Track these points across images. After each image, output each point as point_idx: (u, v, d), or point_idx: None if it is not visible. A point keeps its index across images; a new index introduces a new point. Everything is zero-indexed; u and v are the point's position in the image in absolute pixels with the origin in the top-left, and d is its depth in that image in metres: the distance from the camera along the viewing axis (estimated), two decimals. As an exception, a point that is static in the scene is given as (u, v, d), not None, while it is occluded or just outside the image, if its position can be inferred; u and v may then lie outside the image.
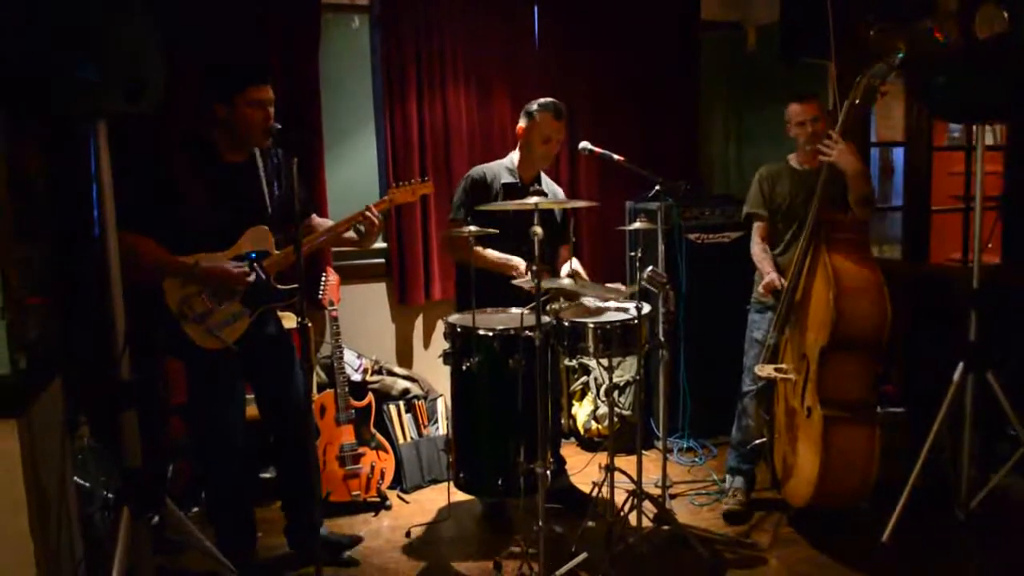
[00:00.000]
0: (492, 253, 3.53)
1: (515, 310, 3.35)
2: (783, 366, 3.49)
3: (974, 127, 3.51)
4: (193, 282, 2.88)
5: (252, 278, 2.94)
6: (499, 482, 3.25)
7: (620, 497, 3.37)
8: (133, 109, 2.32)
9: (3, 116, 2.28)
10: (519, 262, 3.47)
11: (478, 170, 3.68)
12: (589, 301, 3.41)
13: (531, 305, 3.00)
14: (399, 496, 4.00)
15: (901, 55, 3.15)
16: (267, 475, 3.89)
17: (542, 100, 3.61)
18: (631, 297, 3.28)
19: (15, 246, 2.38)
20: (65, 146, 3.06)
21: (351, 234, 3.16)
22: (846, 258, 3.27)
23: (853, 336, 3.22)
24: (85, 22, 2.17)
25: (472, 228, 3.21)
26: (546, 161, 3.71)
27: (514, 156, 3.71)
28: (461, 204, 3.59)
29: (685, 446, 4.56)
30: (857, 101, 3.27)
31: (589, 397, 4.67)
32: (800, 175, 3.65)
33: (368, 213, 3.08)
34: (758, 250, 3.72)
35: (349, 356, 4.13)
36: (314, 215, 3.32)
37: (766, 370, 3.47)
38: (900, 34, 3.36)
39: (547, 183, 3.82)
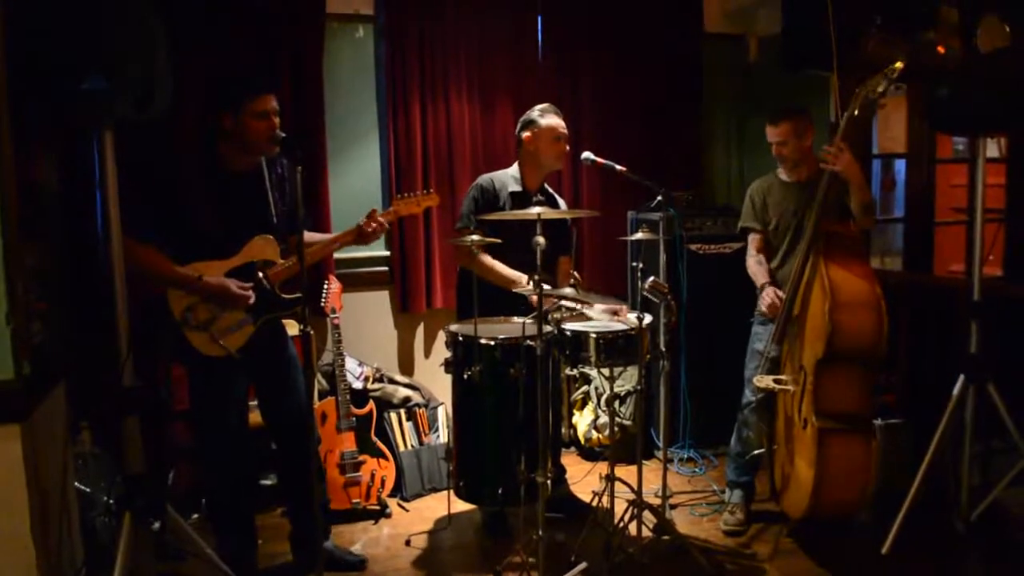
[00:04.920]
0: (501, 267, 3.54)
1: (517, 319, 3.36)
2: (782, 377, 3.49)
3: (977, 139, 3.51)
4: (195, 294, 2.90)
5: (253, 300, 2.95)
6: (499, 491, 3.26)
7: (620, 507, 3.37)
8: (141, 117, 2.35)
9: (13, 123, 2.29)
10: (524, 281, 3.47)
11: (486, 178, 3.70)
12: (594, 312, 3.43)
13: (533, 314, 3.01)
14: (399, 504, 4.01)
15: (900, 67, 3.16)
16: (268, 482, 3.89)
17: (538, 106, 3.66)
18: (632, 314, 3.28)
19: (23, 251, 2.39)
20: (73, 152, 3.08)
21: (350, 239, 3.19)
22: (843, 270, 3.27)
23: (849, 349, 3.22)
24: (94, 30, 2.19)
25: (475, 237, 3.22)
26: (559, 161, 3.73)
27: (516, 168, 3.73)
28: (469, 212, 3.61)
29: (686, 456, 4.55)
30: (856, 113, 3.28)
31: (590, 406, 4.67)
32: (789, 188, 3.66)
33: (375, 226, 3.10)
34: (753, 262, 3.74)
35: (350, 364, 4.14)
36: (306, 231, 3.32)
37: (765, 381, 3.47)
38: (899, 46, 3.37)
39: (551, 192, 3.84)
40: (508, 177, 3.70)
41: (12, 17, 2.20)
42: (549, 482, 3.02)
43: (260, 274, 2.99)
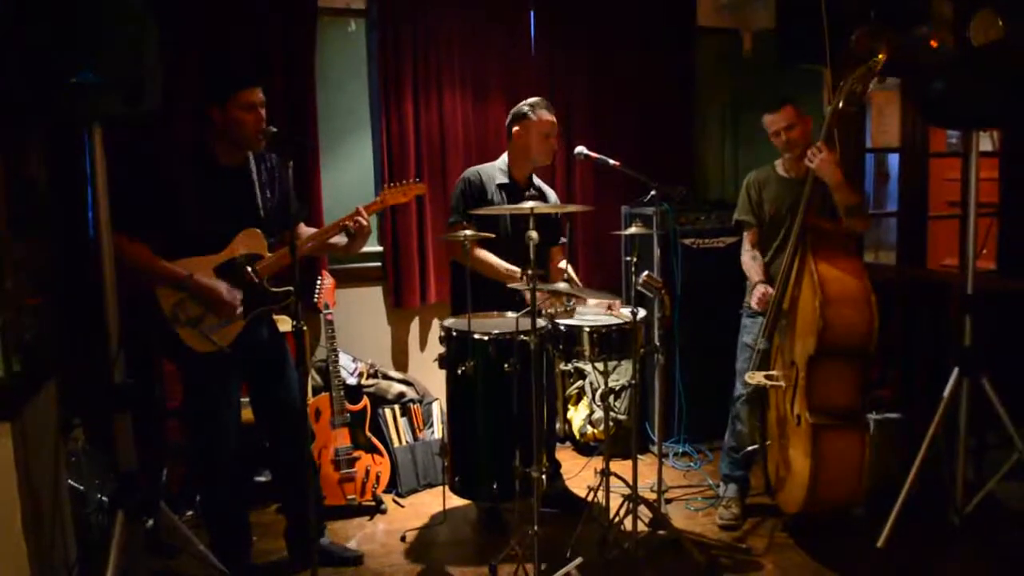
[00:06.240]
0: (496, 260, 3.53)
1: (511, 314, 3.35)
2: (773, 373, 3.49)
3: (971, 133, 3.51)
4: (186, 292, 2.88)
5: (240, 311, 2.93)
6: (494, 486, 3.25)
7: (615, 502, 3.37)
8: (131, 111, 2.33)
9: (3, 118, 2.28)
10: (519, 275, 3.46)
11: (472, 172, 3.68)
12: (591, 304, 3.43)
13: (526, 309, 3.00)
14: (394, 500, 4.00)
15: (882, 60, 3.15)
16: (262, 479, 3.88)
17: (530, 100, 3.63)
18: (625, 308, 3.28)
19: (12, 247, 2.37)
20: (65, 147, 3.06)
21: (339, 238, 3.16)
22: (832, 265, 3.26)
23: (840, 344, 3.21)
24: (84, 25, 2.17)
25: (468, 232, 3.21)
26: (548, 157, 3.71)
27: (504, 159, 3.72)
28: (459, 207, 3.60)
29: (681, 451, 4.55)
30: (840, 106, 3.27)
31: (585, 401, 4.67)
32: (786, 183, 3.65)
33: (358, 217, 3.08)
34: (747, 258, 3.73)
35: (344, 359, 4.13)
36: (301, 224, 3.30)
37: (756, 377, 3.47)
38: (881, 38, 3.37)
39: (538, 183, 3.82)
40: (495, 169, 3.69)
41: (2, 11, 2.19)
42: (544, 477, 3.01)
43: (248, 268, 2.98)
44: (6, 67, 2.21)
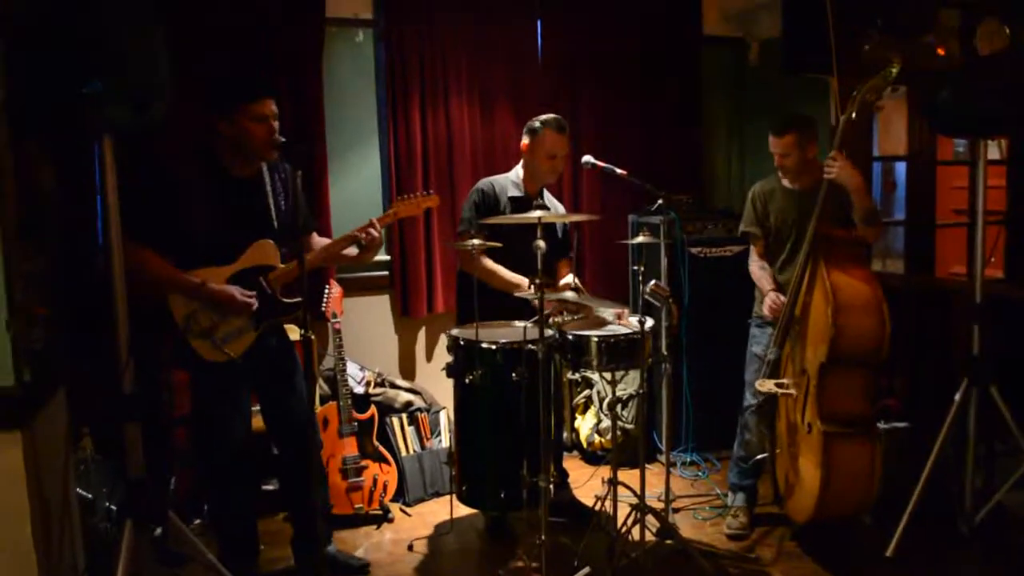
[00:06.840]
0: (502, 270, 3.54)
1: (518, 323, 3.36)
2: (784, 381, 3.48)
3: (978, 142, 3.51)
4: (198, 299, 2.89)
5: (256, 306, 2.94)
6: (502, 495, 3.25)
7: (623, 511, 3.36)
8: (140, 121, 2.34)
9: (12, 127, 2.29)
10: (526, 285, 3.47)
11: (486, 182, 3.70)
12: (603, 312, 3.43)
13: (534, 318, 3.00)
14: (401, 509, 4.00)
15: (896, 70, 3.15)
16: (270, 487, 3.89)
17: (544, 117, 3.63)
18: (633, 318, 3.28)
19: (22, 256, 2.38)
20: (74, 157, 3.07)
21: (351, 249, 3.17)
22: (844, 273, 3.26)
23: (852, 352, 3.21)
24: (95, 36, 2.19)
25: (476, 242, 3.22)
26: (552, 176, 3.73)
27: (519, 170, 3.73)
28: (471, 217, 3.61)
29: (688, 460, 4.54)
30: (853, 116, 3.27)
31: (592, 410, 4.66)
32: (790, 194, 3.64)
33: (371, 229, 3.09)
34: (755, 268, 3.73)
35: (352, 368, 4.14)
36: (314, 234, 3.31)
37: (767, 385, 3.46)
38: (895, 48, 3.37)
39: (548, 198, 3.84)
40: (508, 182, 3.70)
41: (14, 21, 2.20)
42: (551, 486, 3.01)
43: (261, 279, 2.99)
44: (18, 76, 2.23)
